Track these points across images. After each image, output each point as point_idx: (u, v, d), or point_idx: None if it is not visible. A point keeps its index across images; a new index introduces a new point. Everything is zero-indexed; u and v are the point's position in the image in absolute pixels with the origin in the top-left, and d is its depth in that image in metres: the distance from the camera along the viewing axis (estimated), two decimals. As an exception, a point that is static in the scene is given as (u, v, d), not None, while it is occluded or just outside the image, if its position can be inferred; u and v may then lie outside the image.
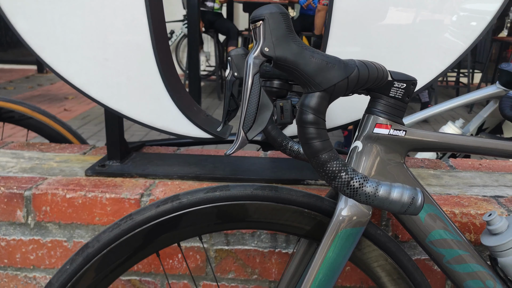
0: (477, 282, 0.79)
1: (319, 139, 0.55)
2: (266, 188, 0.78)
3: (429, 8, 0.94)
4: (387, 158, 0.77)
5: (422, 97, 5.23)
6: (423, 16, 0.95)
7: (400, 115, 0.77)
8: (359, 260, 0.82)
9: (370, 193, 0.56)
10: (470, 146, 0.80)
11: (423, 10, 0.95)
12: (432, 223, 0.78)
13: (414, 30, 0.95)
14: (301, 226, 0.79)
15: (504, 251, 0.79)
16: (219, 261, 1.06)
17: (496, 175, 1.23)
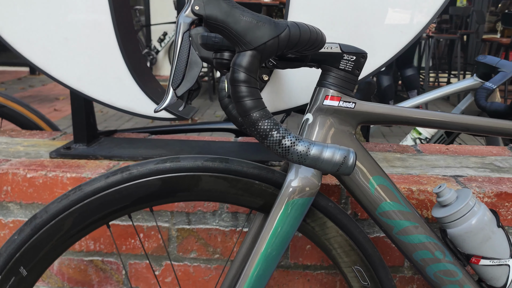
0: (426, 253, 0.80)
1: (251, 98, 0.56)
2: (217, 160, 0.79)
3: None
4: (337, 130, 0.78)
5: (411, 97, 5.26)
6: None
7: (351, 87, 0.78)
8: (310, 232, 0.82)
9: (302, 152, 0.57)
10: (421, 118, 0.81)
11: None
12: (382, 195, 0.79)
13: (372, 8, 0.96)
14: (252, 199, 0.80)
15: (452, 222, 0.80)
16: (181, 240, 1.06)
17: (460, 158, 1.24)
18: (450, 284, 0.81)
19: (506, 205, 0.98)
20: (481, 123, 0.84)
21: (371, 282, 0.84)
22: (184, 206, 1.04)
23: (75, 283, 1.11)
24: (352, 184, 0.79)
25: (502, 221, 0.99)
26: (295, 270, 1.06)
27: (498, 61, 2.15)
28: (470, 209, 0.79)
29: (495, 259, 0.80)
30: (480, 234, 0.79)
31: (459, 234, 0.80)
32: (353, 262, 0.83)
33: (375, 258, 0.83)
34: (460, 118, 0.83)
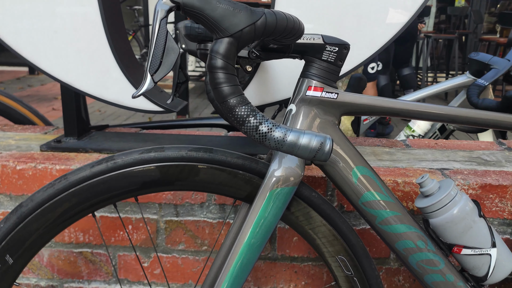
0: (408, 243, 0.81)
1: (228, 84, 0.57)
2: (201, 150, 0.80)
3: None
4: (320, 120, 0.79)
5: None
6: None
7: (333, 78, 0.79)
8: (295, 222, 0.83)
9: (279, 138, 0.57)
10: (403, 109, 0.82)
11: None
12: (364, 185, 0.80)
13: (357, 2, 0.97)
14: (236, 189, 0.81)
15: (434, 212, 0.81)
16: (169, 232, 1.07)
17: (448, 152, 1.25)
18: (433, 274, 0.82)
19: (490, 197, 0.99)
20: (466, 114, 0.84)
21: (354, 271, 0.85)
22: (172, 198, 1.05)
23: (64, 275, 1.11)
24: (335, 174, 0.80)
25: (487, 212, 1.00)
26: (282, 262, 1.07)
27: (490, 58, 2.15)
28: (452, 199, 0.80)
29: (476, 249, 0.81)
30: (461, 224, 0.80)
31: (441, 224, 0.81)
32: (336, 252, 0.84)
33: (358, 248, 0.84)
34: (444, 109, 0.83)
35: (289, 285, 1.08)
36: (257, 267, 1.08)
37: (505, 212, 1.00)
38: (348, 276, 0.85)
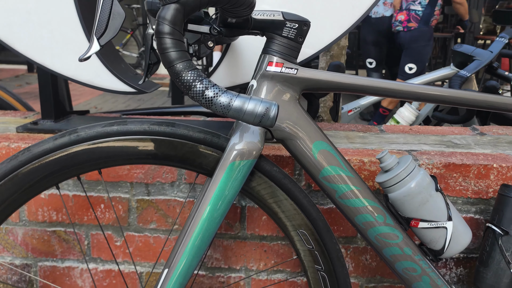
0: (367, 216, 0.82)
1: (174, 49, 0.58)
2: (163, 124, 0.81)
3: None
4: (282, 96, 0.81)
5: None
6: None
7: (294, 55, 0.81)
8: (257, 197, 0.85)
9: (225, 103, 0.59)
10: (365, 85, 0.83)
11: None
12: (324, 160, 0.81)
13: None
14: (198, 162, 0.82)
15: (392, 186, 0.83)
16: (141, 211, 1.09)
17: (420, 136, 1.27)
18: (391, 247, 0.83)
19: (454, 176, 1.01)
20: (426, 91, 0.85)
21: (315, 245, 0.86)
22: (143, 177, 1.06)
23: (39, 254, 1.13)
24: (296, 149, 0.82)
25: (451, 191, 1.02)
26: (252, 241, 1.09)
27: (473, 50, 2.17)
28: (409, 173, 0.82)
29: (433, 222, 0.82)
30: (418, 197, 0.82)
31: (399, 197, 0.83)
32: (298, 225, 0.86)
33: (319, 222, 0.86)
34: (405, 86, 0.85)
35: (259, 264, 1.10)
36: (228, 246, 1.10)
37: (468, 191, 1.01)
38: (309, 249, 0.86)
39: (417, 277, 0.84)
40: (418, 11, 4.07)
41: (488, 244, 0.87)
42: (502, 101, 0.86)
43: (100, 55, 1.07)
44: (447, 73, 2.31)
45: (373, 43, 4.42)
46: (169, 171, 1.06)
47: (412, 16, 4.09)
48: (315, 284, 0.88)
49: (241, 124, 0.80)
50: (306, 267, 0.88)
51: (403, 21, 4.12)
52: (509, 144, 1.18)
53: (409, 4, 4.10)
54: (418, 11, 4.07)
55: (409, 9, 4.10)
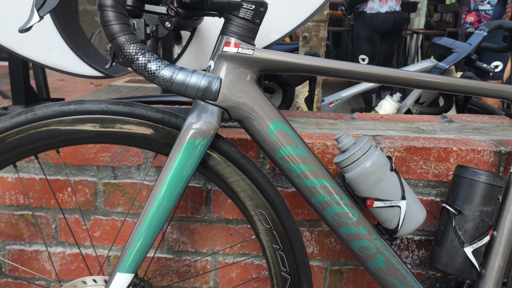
0: (323, 196, 0.84)
1: (117, 22, 0.59)
2: (121, 104, 0.82)
3: None
4: (239, 76, 0.81)
5: (383, 96, 5.28)
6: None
7: (251, 35, 0.81)
8: (215, 176, 0.86)
9: (167, 76, 0.60)
10: (323, 67, 0.84)
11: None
12: (281, 140, 0.82)
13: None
14: (155, 142, 0.83)
15: (348, 166, 0.84)
16: (108, 195, 1.09)
17: (390, 123, 1.28)
18: (347, 226, 0.84)
19: (415, 159, 1.02)
20: (386, 73, 0.85)
21: (273, 225, 0.87)
22: (109, 161, 1.07)
23: (6, 237, 1.13)
24: (253, 129, 0.83)
25: (412, 174, 1.03)
26: (218, 224, 1.10)
27: (452, 43, 2.19)
28: (364, 153, 0.83)
29: (387, 201, 0.84)
30: (373, 177, 0.83)
31: (354, 177, 0.84)
32: (256, 205, 0.87)
33: (277, 202, 0.87)
34: (363, 68, 0.85)
35: (225, 247, 1.11)
36: (194, 230, 1.11)
37: (429, 174, 1.03)
38: (267, 229, 0.87)
39: (372, 256, 0.85)
40: (488, 10, 3.98)
41: (442, 224, 0.89)
42: (459, 83, 0.88)
43: (68, 40, 1.08)
44: (427, 66, 2.32)
45: (367, 40, 4.43)
46: (135, 154, 1.06)
47: (482, 17, 4.01)
48: (273, 263, 0.89)
49: (199, 104, 0.81)
50: (265, 246, 0.89)
51: (473, 22, 4.04)
52: (474, 130, 1.19)
53: (477, 4, 4.02)
54: (488, 10, 3.99)
55: (477, 9, 4.03)
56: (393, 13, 4.29)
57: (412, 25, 8.15)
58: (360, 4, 4.38)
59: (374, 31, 4.41)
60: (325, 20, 1.98)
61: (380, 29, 4.36)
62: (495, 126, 1.25)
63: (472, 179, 0.86)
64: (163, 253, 1.13)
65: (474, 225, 0.85)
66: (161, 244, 1.12)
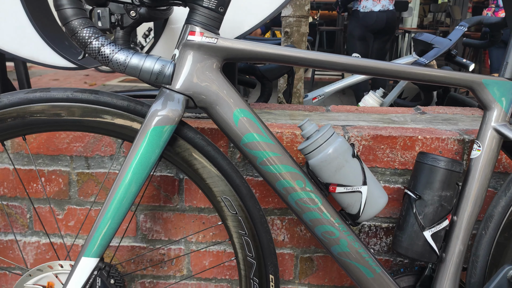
0: (287, 182, 0.85)
1: (70, 6, 0.61)
2: (87, 92, 0.83)
3: None
4: (203, 64, 0.83)
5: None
6: None
7: (215, 24, 0.83)
8: (182, 163, 0.87)
9: (121, 60, 0.61)
10: (284, 55, 0.85)
11: None
12: (245, 127, 0.84)
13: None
14: (122, 129, 0.85)
15: (311, 153, 0.86)
16: (81, 184, 1.11)
17: (363, 115, 1.30)
18: (310, 212, 0.86)
19: (382, 148, 1.04)
20: (350, 62, 0.87)
21: (239, 211, 0.89)
22: (82, 151, 1.08)
23: (-19, 228, 1.15)
24: (218, 117, 0.84)
25: (379, 163, 1.05)
26: (190, 213, 1.11)
27: (433, 38, 2.22)
28: (327, 140, 0.85)
29: (348, 186, 0.85)
30: (334, 163, 0.85)
31: (317, 163, 0.86)
32: (222, 192, 0.89)
33: (242, 188, 0.89)
34: (326, 56, 0.87)
35: (198, 236, 1.13)
36: (167, 219, 1.12)
37: (396, 162, 1.05)
38: (233, 215, 0.89)
39: (335, 241, 0.87)
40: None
41: (404, 209, 0.91)
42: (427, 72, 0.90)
43: (41, 32, 1.09)
44: (409, 61, 2.35)
45: (360, 38, 4.45)
46: (108, 144, 1.08)
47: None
48: (240, 248, 0.91)
49: (164, 92, 0.83)
50: (231, 232, 0.91)
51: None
52: (444, 121, 1.22)
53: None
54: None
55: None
56: (386, 12, 4.31)
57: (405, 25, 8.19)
58: (353, 3, 4.40)
59: (367, 29, 4.43)
60: (306, 16, 2.00)
61: (373, 28, 4.38)
62: (465, 117, 1.28)
63: (432, 165, 0.88)
64: (137, 242, 1.14)
65: (433, 210, 0.87)
66: (135, 233, 1.14)
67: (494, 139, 0.88)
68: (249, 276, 0.92)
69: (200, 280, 1.15)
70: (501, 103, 0.88)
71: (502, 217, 0.90)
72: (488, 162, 0.88)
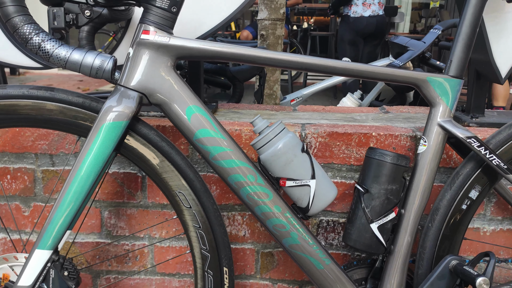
0: (239, 176, 0.88)
1: (12, 3, 0.63)
2: (42, 89, 0.86)
3: None
4: (156, 62, 0.86)
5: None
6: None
7: (168, 24, 0.86)
8: (137, 159, 0.90)
9: (61, 55, 0.64)
10: (235, 53, 0.88)
11: None
12: (198, 123, 0.87)
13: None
14: (77, 126, 0.87)
15: (262, 147, 0.89)
16: (46, 181, 1.13)
17: (328, 114, 1.33)
18: (261, 205, 0.89)
19: (338, 144, 1.07)
20: (296, 59, 0.90)
21: (193, 205, 0.92)
22: (47, 148, 1.11)
23: (-52, 225, 1.16)
24: (171, 113, 0.87)
25: (335, 159, 1.08)
26: (154, 209, 1.14)
27: (407, 41, 2.25)
28: (277, 135, 0.88)
29: (297, 180, 0.88)
30: (283, 157, 0.88)
31: (267, 158, 0.89)
32: (176, 186, 0.91)
33: (196, 183, 0.91)
34: (273, 54, 0.89)
35: (161, 232, 1.15)
36: (131, 215, 1.14)
37: (351, 158, 1.08)
38: (187, 209, 0.92)
39: (286, 233, 0.90)
40: None
41: (354, 203, 0.94)
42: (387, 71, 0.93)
43: (7, 33, 1.11)
44: (385, 63, 2.39)
45: (350, 42, 4.50)
46: (72, 142, 1.10)
47: None
48: (194, 242, 0.93)
49: (119, 89, 0.85)
50: (186, 226, 0.93)
51: None
52: (404, 119, 1.25)
53: None
54: None
55: None
56: (376, 17, 4.37)
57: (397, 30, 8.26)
58: (344, 8, 4.46)
59: (357, 34, 4.49)
60: (281, 19, 2.04)
61: (363, 32, 4.44)
62: (426, 115, 1.31)
63: (379, 159, 0.91)
64: (102, 238, 1.16)
65: (380, 203, 0.90)
66: (100, 229, 1.16)
67: (439, 135, 0.92)
68: (204, 269, 0.94)
69: (164, 275, 1.18)
70: (446, 100, 0.92)
71: (447, 210, 0.93)
72: (433, 156, 0.92)
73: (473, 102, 1.19)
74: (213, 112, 1.29)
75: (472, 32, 0.92)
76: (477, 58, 1.14)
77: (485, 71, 1.13)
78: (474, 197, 0.93)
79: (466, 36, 0.92)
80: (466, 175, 0.92)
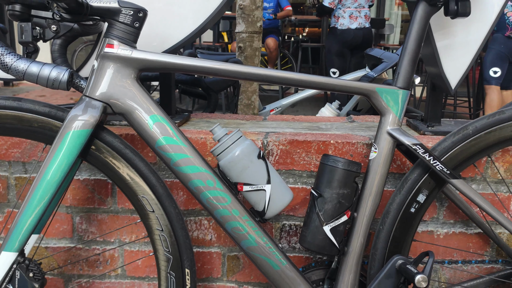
0: (199, 182, 0.93)
1: (-26, 22, 0.68)
2: (10, 99, 0.91)
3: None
4: (119, 74, 0.91)
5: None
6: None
7: (130, 38, 0.92)
8: (102, 165, 0.95)
9: (20, 67, 0.69)
10: (195, 66, 0.94)
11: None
12: (159, 131, 0.92)
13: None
14: (44, 134, 0.92)
15: (220, 154, 0.94)
16: (19, 188, 1.17)
17: (294, 123, 1.39)
18: (220, 209, 0.94)
19: (298, 152, 1.12)
20: (255, 72, 0.96)
21: (156, 209, 0.96)
22: (20, 156, 1.15)
23: None
24: (134, 122, 0.92)
25: (296, 166, 1.13)
26: (123, 214, 1.18)
27: (382, 53, 2.34)
28: (234, 142, 0.93)
29: (253, 185, 0.93)
30: (240, 163, 0.93)
31: (225, 164, 0.94)
32: (140, 191, 0.96)
33: (159, 188, 0.96)
34: (232, 66, 0.95)
35: (131, 236, 1.19)
36: (102, 220, 1.19)
37: (311, 165, 1.13)
38: (150, 213, 0.96)
39: (244, 236, 0.95)
40: None
41: (309, 207, 0.99)
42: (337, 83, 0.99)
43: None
44: (361, 74, 2.46)
45: (337, 54, 4.59)
46: (45, 150, 1.15)
47: None
48: (157, 244, 0.98)
49: (84, 99, 0.90)
50: (149, 229, 0.98)
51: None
52: (366, 128, 1.31)
53: None
54: None
55: None
56: (363, 29, 4.47)
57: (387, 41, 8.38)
58: (331, 20, 4.56)
59: (344, 45, 4.57)
60: (258, 32, 2.10)
61: (350, 44, 4.53)
62: (388, 124, 1.36)
63: (332, 165, 0.96)
64: (73, 242, 1.20)
65: (332, 206, 0.95)
66: (71, 234, 1.20)
67: (388, 142, 0.97)
68: (166, 271, 0.98)
69: (134, 278, 1.22)
70: (394, 109, 0.97)
71: (397, 213, 0.98)
72: (383, 163, 0.97)
73: (429, 112, 1.25)
74: (185, 121, 1.34)
75: (417, 47, 0.98)
76: (431, 71, 1.20)
77: (438, 83, 1.19)
78: (421, 200, 0.98)
79: (412, 51, 0.97)
80: (414, 180, 0.98)
